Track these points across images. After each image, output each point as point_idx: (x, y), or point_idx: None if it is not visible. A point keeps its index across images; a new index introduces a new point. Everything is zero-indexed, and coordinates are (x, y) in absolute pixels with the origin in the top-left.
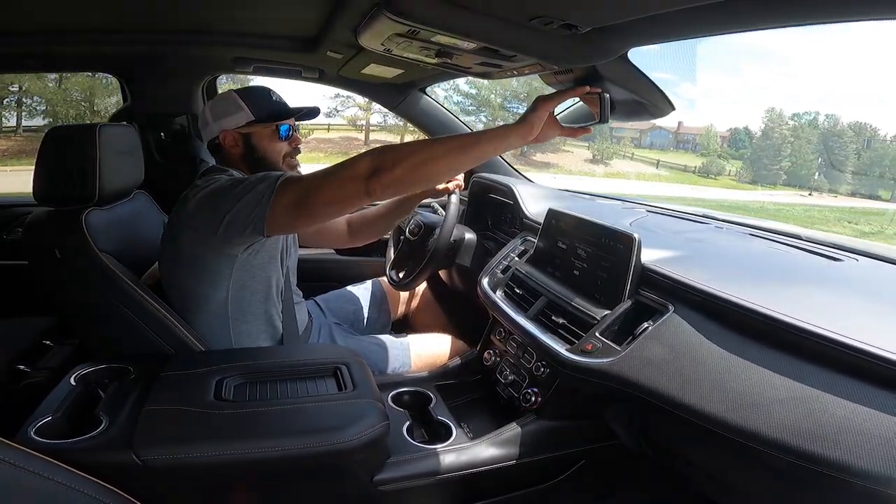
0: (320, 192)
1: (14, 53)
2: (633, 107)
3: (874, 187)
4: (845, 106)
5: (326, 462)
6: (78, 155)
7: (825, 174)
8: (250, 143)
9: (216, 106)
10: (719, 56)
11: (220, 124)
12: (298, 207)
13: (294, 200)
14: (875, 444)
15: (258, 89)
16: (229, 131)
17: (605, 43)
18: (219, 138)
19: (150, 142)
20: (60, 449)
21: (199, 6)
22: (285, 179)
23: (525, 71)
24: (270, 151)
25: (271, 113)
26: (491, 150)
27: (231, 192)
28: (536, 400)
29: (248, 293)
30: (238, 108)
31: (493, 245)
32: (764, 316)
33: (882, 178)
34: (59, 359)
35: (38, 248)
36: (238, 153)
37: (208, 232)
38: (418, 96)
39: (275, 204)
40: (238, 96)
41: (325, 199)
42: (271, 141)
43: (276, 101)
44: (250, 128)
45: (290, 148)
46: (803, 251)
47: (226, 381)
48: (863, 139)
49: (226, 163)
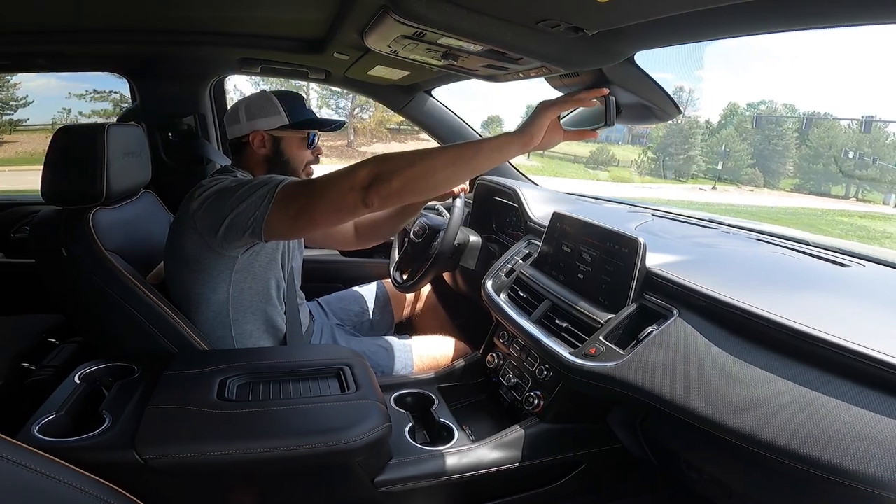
0: (319, 202)
1: (25, 53)
2: (639, 110)
3: (816, 181)
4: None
5: (328, 463)
6: (86, 154)
7: (760, 166)
8: (279, 147)
9: (253, 105)
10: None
11: (253, 123)
12: (297, 215)
13: (293, 207)
14: (881, 449)
15: (295, 95)
16: (260, 132)
17: (612, 46)
18: (248, 137)
19: (158, 142)
20: (63, 447)
21: (208, 7)
22: (286, 185)
23: (531, 74)
24: (296, 158)
25: (307, 121)
26: (491, 162)
27: (233, 194)
28: (539, 403)
29: (248, 295)
30: (276, 111)
31: (498, 248)
32: (769, 321)
33: (826, 170)
34: (64, 357)
35: (44, 247)
36: (263, 154)
37: (209, 233)
38: (424, 98)
39: (273, 209)
40: (277, 99)
41: (323, 208)
42: (300, 148)
43: (309, 110)
44: (283, 132)
45: (313, 157)
46: (810, 257)
47: (229, 380)
48: (802, 125)
49: (245, 162)
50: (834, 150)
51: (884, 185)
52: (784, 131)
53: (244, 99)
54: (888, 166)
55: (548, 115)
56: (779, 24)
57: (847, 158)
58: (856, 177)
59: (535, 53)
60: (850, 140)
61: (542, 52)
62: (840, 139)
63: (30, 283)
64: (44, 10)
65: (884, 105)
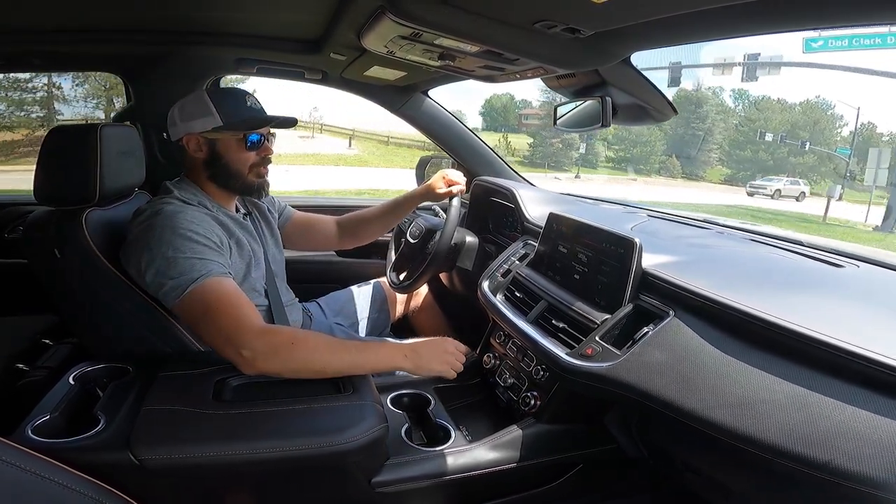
0: (207, 327)
1: (20, 53)
2: (634, 111)
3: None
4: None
5: (324, 464)
6: (79, 155)
7: (679, 154)
8: (215, 150)
9: (186, 106)
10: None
11: (186, 126)
12: (195, 323)
13: (193, 314)
14: (874, 448)
15: (232, 92)
16: (194, 135)
17: (609, 47)
18: (182, 140)
19: (154, 142)
20: (57, 448)
21: (204, 7)
22: (198, 288)
23: (528, 74)
24: (236, 161)
25: (242, 120)
26: (375, 369)
27: (152, 265)
28: (535, 403)
29: None
30: (207, 112)
31: (494, 248)
32: (764, 321)
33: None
34: (58, 358)
35: (37, 247)
36: (201, 159)
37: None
38: (421, 99)
39: (180, 304)
40: (209, 99)
41: (210, 336)
42: (238, 150)
43: (249, 108)
44: (217, 134)
45: (259, 158)
46: (804, 257)
47: (225, 381)
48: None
49: (188, 166)
50: (765, 133)
51: (826, 175)
52: (706, 113)
53: (180, 100)
54: (826, 152)
55: (444, 350)
56: (773, 25)
57: (781, 143)
58: (789, 166)
59: (531, 54)
60: (784, 122)
61: (539, 52)
62: (774, 121)
63: (24, 283)
64: (38, 9)
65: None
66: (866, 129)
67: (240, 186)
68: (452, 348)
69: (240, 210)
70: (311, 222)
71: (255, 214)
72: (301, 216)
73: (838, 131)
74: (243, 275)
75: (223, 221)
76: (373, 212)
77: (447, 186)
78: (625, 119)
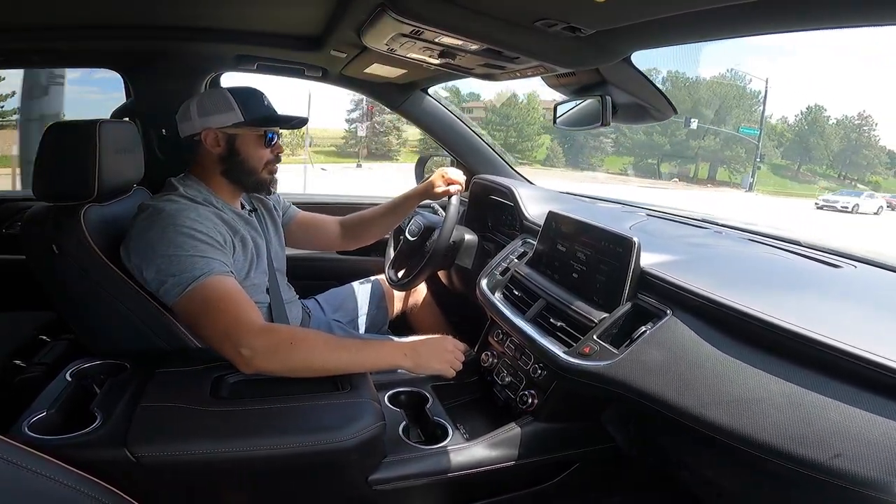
0: (206, 325)
1: (18, 49)
2: (634, 110)
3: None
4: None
5: (322, 461)
6: (77, 151)
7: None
8: (234, 145)
9: (205, 101)
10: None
11: (205, 121)
12: (195, 321)
13: (193, 312)
14: (871, 449)
15: (252, 91)
16: (213, 129)
17: (609, 46)
18: (200, 135)
19: (152, 138)
20: (54, 444)
21: (204, 3)
22: (199, 286)
23: (528, 73)
24: (253, 157)
25: (262, 118)
26: (375, 368)
27: (154, 262)
28: (533, 402)
29: None
30: (229, 108)
31: (493, 247)
32: (761, 321)
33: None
34: (56, 354)
35: (36, 243)
36: (218, 153)
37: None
38: (420, 96)
39: (180, 301)
40: (231, 95)
41: (210, 333)
42: (256, 146)
43: (267, 106)
44: (237, 129)
45: (272, 156)
46: (802, 257)
47: (222, 378)
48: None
49: (201, 161)
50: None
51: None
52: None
53: (197, 96)
54: (729, 132)
55: (445, 349)
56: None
57: (680, 127)
58: (689, 150)
59: (531, 53)
60: (684, 100)
61: (539, 51)
62: (675, 97)
63: (21, 279)
64: (38, 5)
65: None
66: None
67: (252, 182)
68: (452, 347)
69: (245, 207)
70: (314, 222)
71: (260, 211)
72: (305, 216)
73: (754, 109)
74: (246, 272)
75: (229, 219)
76: (373, 213)
77: (446, 185)
78: (625, 118)
